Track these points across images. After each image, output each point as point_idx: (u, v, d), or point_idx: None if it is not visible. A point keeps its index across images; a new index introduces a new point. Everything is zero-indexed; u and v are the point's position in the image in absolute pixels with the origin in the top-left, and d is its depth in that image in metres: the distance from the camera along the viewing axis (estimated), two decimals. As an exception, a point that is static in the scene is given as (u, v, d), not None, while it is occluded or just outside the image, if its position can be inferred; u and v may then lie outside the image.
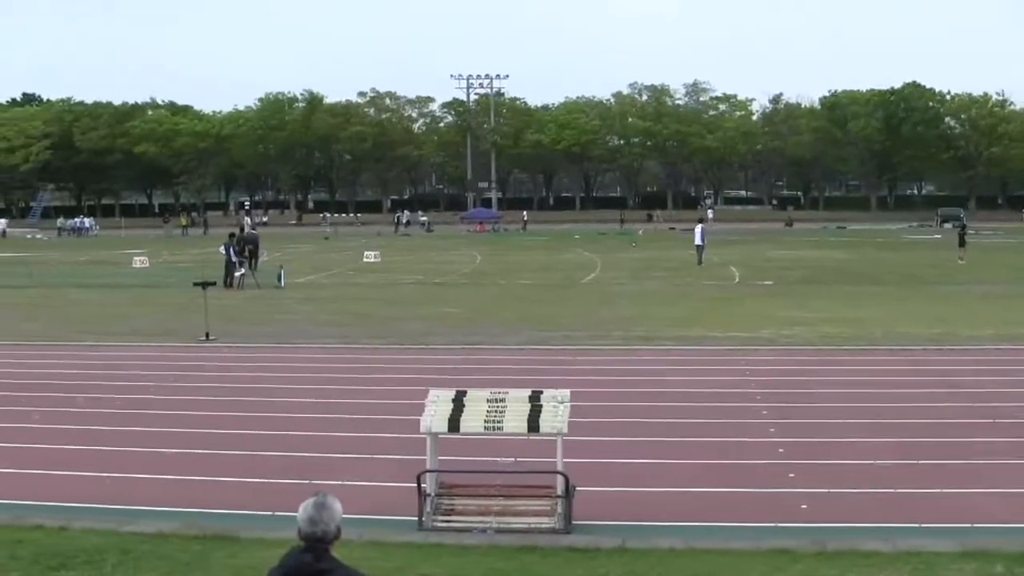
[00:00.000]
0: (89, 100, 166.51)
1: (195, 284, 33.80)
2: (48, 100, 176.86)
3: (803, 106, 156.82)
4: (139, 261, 64.18)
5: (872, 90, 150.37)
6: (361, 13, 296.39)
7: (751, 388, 21.77)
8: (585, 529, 12.77)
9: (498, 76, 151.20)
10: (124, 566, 11.59)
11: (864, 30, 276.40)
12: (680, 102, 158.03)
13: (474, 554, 11.93)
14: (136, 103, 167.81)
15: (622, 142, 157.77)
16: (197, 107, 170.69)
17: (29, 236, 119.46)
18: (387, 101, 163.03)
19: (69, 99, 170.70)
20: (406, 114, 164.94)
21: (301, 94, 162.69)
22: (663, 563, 11.64)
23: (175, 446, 17.69)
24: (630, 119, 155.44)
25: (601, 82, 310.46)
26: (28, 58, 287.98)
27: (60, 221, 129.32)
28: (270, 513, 13.72)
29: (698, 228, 59.09)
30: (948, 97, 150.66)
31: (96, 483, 15.58)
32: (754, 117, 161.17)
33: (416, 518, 12.96)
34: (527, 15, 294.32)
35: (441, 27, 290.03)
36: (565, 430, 12.90)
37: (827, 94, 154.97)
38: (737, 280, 48.40)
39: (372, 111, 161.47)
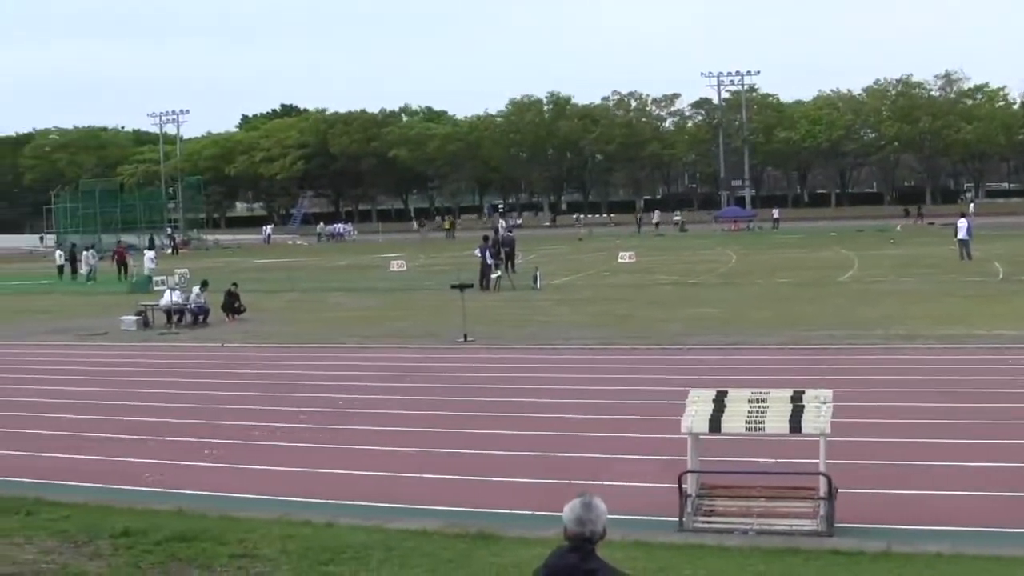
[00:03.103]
0: (344, 110, 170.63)
1: (452, 287, 34.26)
2: (305, 110, 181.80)
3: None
4: (396, 265, 65.35)
5: None
6: (608, 14, 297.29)
7: (1020, 388, 21.04)
8: (848, 532, 12.53)
9: (749, 72, 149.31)
10: (389, 563, 11.82)
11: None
12: (935, 94, 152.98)
13: (736, 556, 11.81)
14: (391, 111, 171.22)
15: (874, 135, 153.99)
16: (451, 113, 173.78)
17: (290, 242, 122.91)
18: (632, 103, 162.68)
19: (324, 110, 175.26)
20: (654, 113, 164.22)
21: (547, 96, 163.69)
22: (930, 568, 11.34)
23: (438, 446, 17.99)
24: (886, 108, 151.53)
25: (853, 75, 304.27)
26: (288, 71, 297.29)
27: (319, 227, 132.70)
28: (531, 512, 13.83)
29: (962, 222, 57.12)
30: None
31: (361, 481, 15.96)
32: (1015, 106, 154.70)
33: (677, 519, 12.91)
34: (777, 9, 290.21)
35: (690, 25, 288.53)
36: (828, 431, 12.69)
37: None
38: (1001, 276, 46.77)
39: (620, 112, 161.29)
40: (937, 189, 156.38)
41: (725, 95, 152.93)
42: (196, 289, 39.46)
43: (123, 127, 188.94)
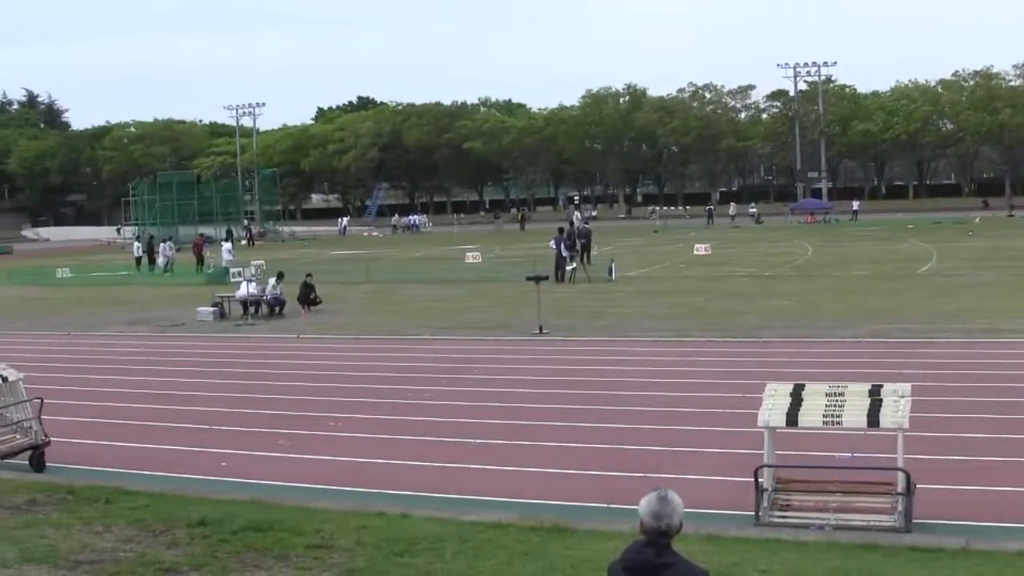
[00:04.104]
0: (421, 101, 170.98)
1: (528, 278, 34.27)
2: (382, 103, 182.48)
3: None
4: (471, 256, 65.45)
5: None
6: (683, 5, 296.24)
7: (1103, 382, 20.74)
8: (926, 528, 12.40)
9: (825, 63, 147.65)
10: (463, 554, 11.80)
11: None
12: (1014, 84, 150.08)
13: (813, 551, 11.68)
14: (466, 103, 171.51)
15: (952, 127, 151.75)
16: (528, 104, 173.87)
17: (366, 234, 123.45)
18: (707, 95, 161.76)
19: (398, 103, 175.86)
20: (729, 105, 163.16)
21: (624, 87, 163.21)
22: (1012, 566, 11.12)
23: (513, 438, 17.99)
24: (963, 101, 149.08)
25: (929, 65, 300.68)
26: (365, 63, 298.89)
27: (394, 219, 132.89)
28: (606, 505, 13.81)
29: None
30: None
31: (437, 473, 16.01)
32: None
33: (751, 513, 12.82)
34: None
35: (766, 16, 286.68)
36: (906, 425, 12.54)
37: None
38: (1084, 269, 46.13)
39: (695, 104, 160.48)
40: (1017, 180, 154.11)
41: (801, 86, 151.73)
42: (272, 280, 39.69)
43: (200, 120, 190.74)
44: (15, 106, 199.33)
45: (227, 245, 70.79)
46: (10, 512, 14.02)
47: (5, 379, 17.68)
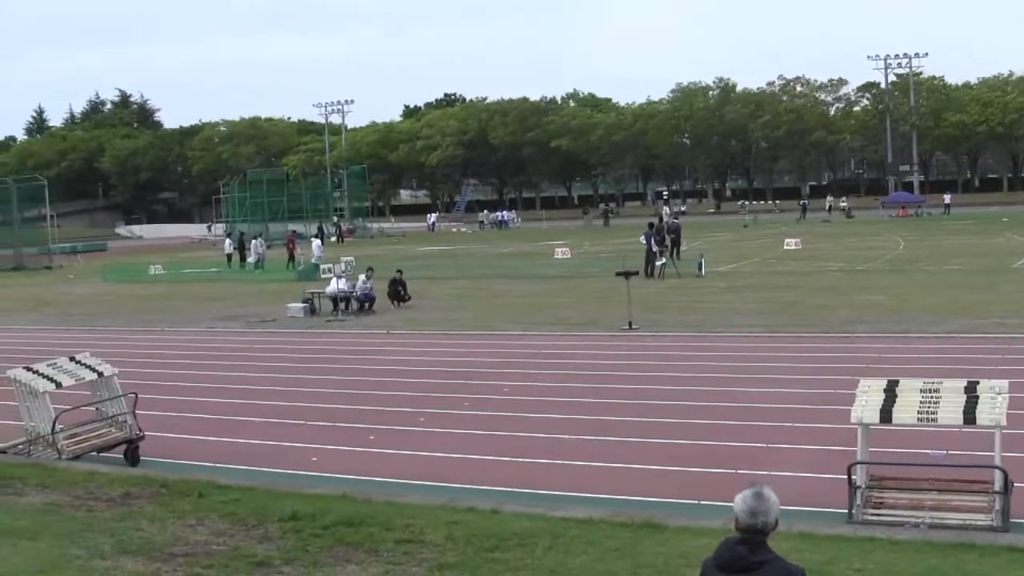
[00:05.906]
0: (508, 96, 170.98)
1: (617, 274, 34.17)
2: (469, 100, 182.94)
3: None
4: (561, 252, 65.40)
5: None
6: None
7: None
8: (1024, 528, 12.20)
9: (916, 55, 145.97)
10: (554, 550, 11.76)
11: None
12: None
13: (907, 550, 11.51)
14: (553, 98, 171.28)
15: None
16: (614, 99, 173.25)
17: (454, 229, 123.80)
18: (798, 87, 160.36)
19: (485, 98, 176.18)
20: (820, 98, 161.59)
21: (714, 81, 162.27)
22: (1115, 567, 10.95)
23: (603, 433, 17.95)
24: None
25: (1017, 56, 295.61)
26: (451, 59, 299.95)
27: (482, 215, 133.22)
28: (696, 502, 13.72)
29: None
30: None
31: (526, 468, 16.00)
32: None
33: (843, 510, 12.68)
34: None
35: (855, 7, 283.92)
36: (1003, 422, 12.34)
37: None
38: None
39: (785, 98, 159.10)
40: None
41: (891, 78, 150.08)
42: (362, 277, 39.85)
43: (288, 117, 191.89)
44: (108, 106, 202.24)
45: (317, 241, 71.31)
46: (106, 505, 14.21)
47: (101, 374, 17.94)
